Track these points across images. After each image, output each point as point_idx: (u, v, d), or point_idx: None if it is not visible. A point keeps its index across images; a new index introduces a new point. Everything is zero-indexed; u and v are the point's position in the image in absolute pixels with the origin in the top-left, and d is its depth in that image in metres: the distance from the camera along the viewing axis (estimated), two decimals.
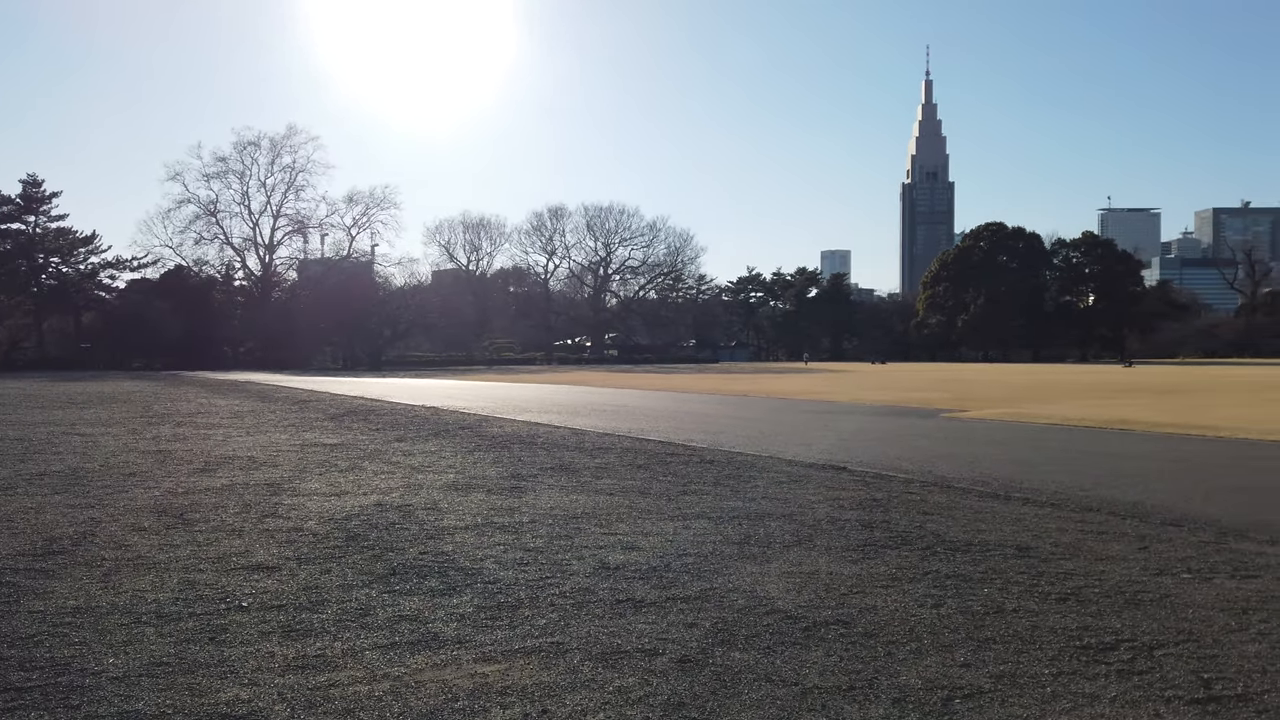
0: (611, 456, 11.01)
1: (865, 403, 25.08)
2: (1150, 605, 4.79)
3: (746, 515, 7.14)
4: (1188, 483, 9.97)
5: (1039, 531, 6.77)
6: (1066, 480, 10.07)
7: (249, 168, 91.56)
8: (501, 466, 9.94)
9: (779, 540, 6.24)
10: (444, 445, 12.14)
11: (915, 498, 8.27)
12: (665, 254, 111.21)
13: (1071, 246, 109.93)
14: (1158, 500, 8.77)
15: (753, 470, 9.98)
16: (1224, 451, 13.15)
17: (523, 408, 21.76)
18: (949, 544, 6.21)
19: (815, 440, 14.38)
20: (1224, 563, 5.87)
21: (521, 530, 6.47)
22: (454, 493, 8.08)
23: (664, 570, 5.36)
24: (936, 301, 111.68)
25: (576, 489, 8.44)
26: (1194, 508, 8.41)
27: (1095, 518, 7.60)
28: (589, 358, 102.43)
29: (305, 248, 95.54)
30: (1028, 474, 10.54)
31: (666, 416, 19.50)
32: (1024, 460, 11.92)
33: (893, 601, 4.77)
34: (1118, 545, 6.35)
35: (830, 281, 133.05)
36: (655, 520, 6.92)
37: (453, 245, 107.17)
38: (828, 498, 8.10)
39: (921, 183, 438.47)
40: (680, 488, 8.57)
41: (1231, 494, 9.22)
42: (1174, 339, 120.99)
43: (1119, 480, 10.12)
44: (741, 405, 24.05)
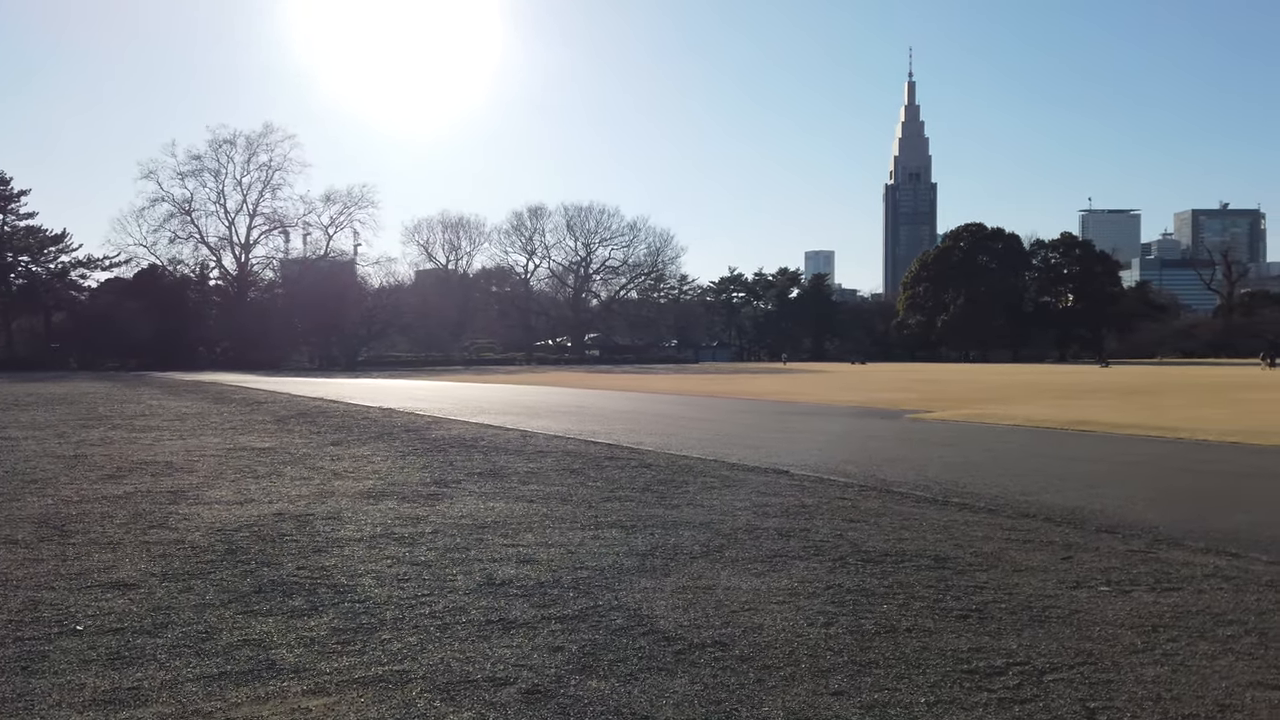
0: (549, 460, 10.68)
1: (832, 404, 24.86)
2: (1055, 623, 4.51)
3: (663, 524, 6.83)
4: (1134, 486, 9.75)
5: (963, 540, 6.50)
6: (1011, 484, 9.83)
7: (224, 166, 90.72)
8: (429, 472, 9.59)
9: (686, 551, 5.93)
10: (379, 449, 11.77)
11: (847, 503, 7.99)
12: (646, 254, 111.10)
13: (1050, 247, 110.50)
14: (1099, 505, 8.53)
15: (689, 474, 9.68)
16: (1178, 453, 12.97)
17: (482, 409, 21.38)
18: (864, 554, 5.92)
19: (766, 442, 14.10)
20: (1147, 574, 5.61)
21: (418, 542, 6.14)
22: (365, 501, 7.73)
23: (551, 586, 5.04)
24: (917, 302, 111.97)
25: (497, 495, 8.10)
26: (1134, 513, 8.18)
27: (1027, 524, 7.34)
28: (569, 358, 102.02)
29: (286, 247, 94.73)
30: (973, 477, 10.29)
31: (626, 418, 19.18)
32: (974, 463, 11.68)
33: (782, 620, 4.47)
34: (1041, 555, 6.08)
35: (811, 282, 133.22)
36: (565, 530, 6.60)
37: (431, 245, 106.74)
38: (755, 504, 7.80)
39: (904, 183, 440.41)
40: (606, 494, 8.26)
41: (1177, 498, 9.00)
42: (1153, 339, 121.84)
43: (1065, 484, 9.88)
44: (706, 407, 23.77)
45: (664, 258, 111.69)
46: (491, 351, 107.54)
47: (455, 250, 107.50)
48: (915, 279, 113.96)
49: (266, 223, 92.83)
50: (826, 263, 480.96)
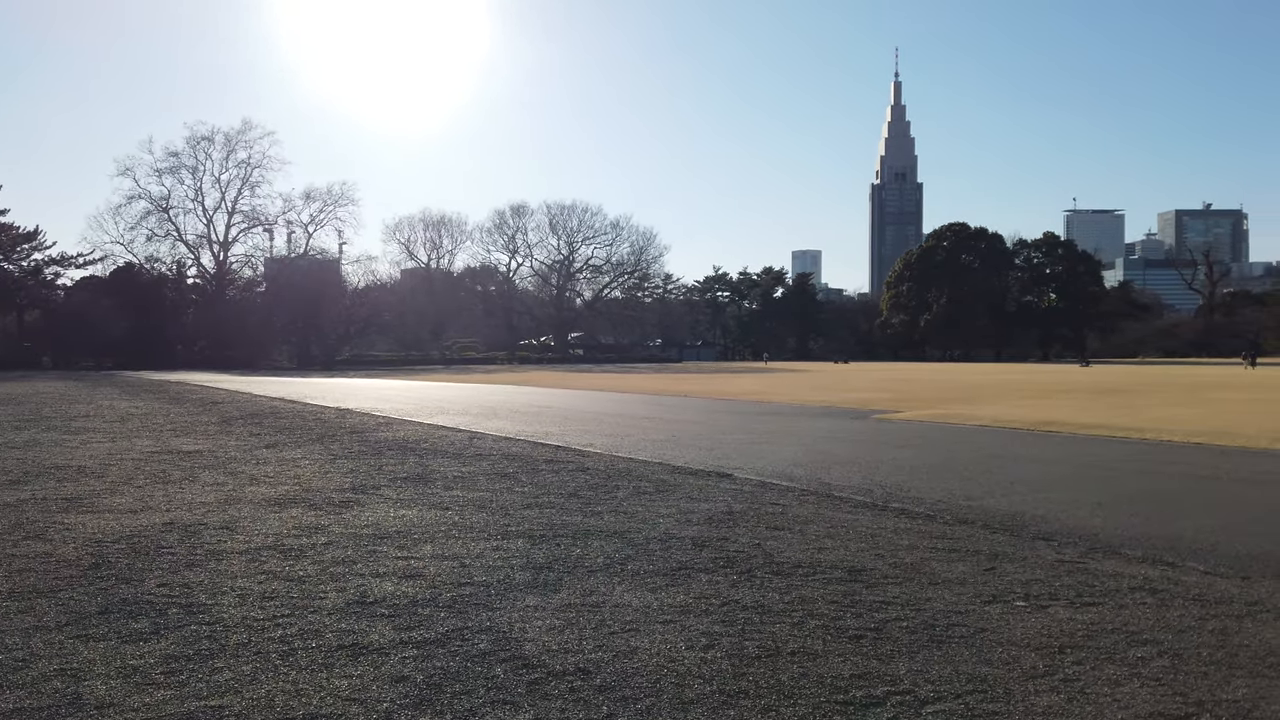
0: (484, 464, 10.31)
1: (803, 404, 24.59)
2: (956, 643, 4.19)
3: (575, 533, 6.47)
4: (1085, 490, 9.47)
5: (886, 549, 6.17)
6: (958, 488, 9.53)
7: (202, 163, 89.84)
8: (353, 476, 9.21)
9: (588, 564, 5.58)
10: (313, 453, 11.37)
11: (777, 510, 7.66)
12: (629, 252, 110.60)
13: (1033, 247, 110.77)
14: (1042, 510, 8.24)
15: (626, 479, 9.33)
16: (1139, 455, 12.72)
17: (443, 410, 20.98)
18: (775, 566, 5.59)
19: (722, 444, 13.77)
20: (1071, 586, 5.30)
21: (304, 555, 5.76)
22: (269, 509, 7.34)
23: (425, 604, 4.68)
24: (900, 301, 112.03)
25: (414, 502, 7.73)
26: (1077, 518, 7.89)
27: (961, 532, 7.03)
28: (552, 357, 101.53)
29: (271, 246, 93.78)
30: (921, 481, 9.99)
31: (587, 419, 18.83)
32: (927, 465, 11.39)
33: (661, 642, 4.12)
34: (964, 566, 5.77)
35: (796, 281, 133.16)
36: (469, 540, 6.23)
37: (413, 243, 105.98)
38: (681, 511, 7.46)
39: (890, 183, 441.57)
40: (529, 500, 7.90)
41: (1126, 502, 8.71)
42: (1135, 339, 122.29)
43: (1014, 487, 9.60)
44: (674, 407, 23.44)
45: (647, 257, 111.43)
46: (474, 351, 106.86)
47: (437, 249, 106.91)
48: (899, 278, 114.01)
49: (245, 220, 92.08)
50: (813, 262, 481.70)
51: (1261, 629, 4.55)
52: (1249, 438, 14.73)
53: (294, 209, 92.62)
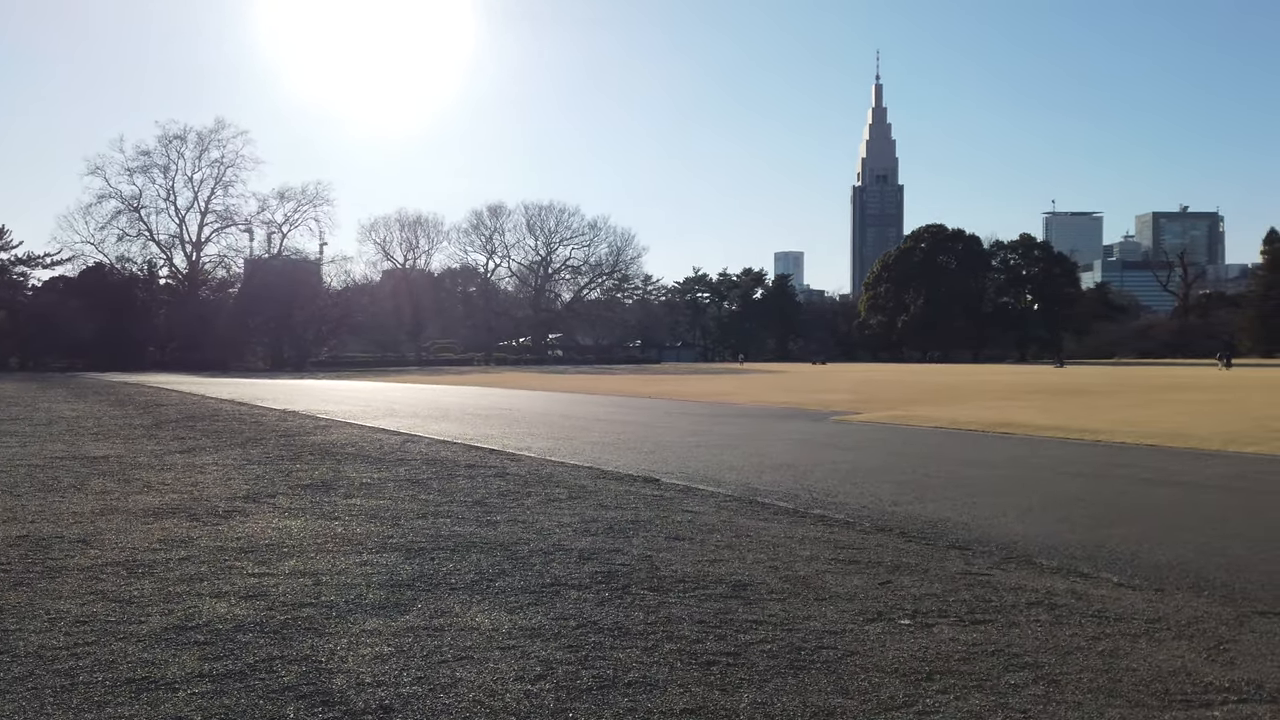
0: (402, 469, 9.90)
1: (765, 404, 24.29)
2: (816, 670, 3.83)
3: (458, 545, 6.08)
4: (1021, 494, 9.17)
5: (785, 561, 5.82)
6: (889, 493, 9.21)
7: (174, 162, 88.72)
8: (255, 483, 8.78)
9: (454, 581, 5.19)
10: (227, 457, 10.92)
11: (687, 517, 7.29)
12: (607, 253, 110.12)
13: (1009, 248, 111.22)
14: (968, 516, 7.92)
15: (544, 485, 8.94)
16: (1088, 457, 12.46)
17: (393, 412, 20.52)
18: (656, 581, 5.22)
19: (665, 447, 13.42)
20: (966, 601, 4.96)
21: (153, 571, 5.34)
22: (143, 519, 6.90)
23: (252, 629, 4.27)
24: (878, 303, 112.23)
25: (304, 512, 7.31)
26: (1001, 525, 7.57)
27: (872, 540, 6.69)
28: (530, 359, 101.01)
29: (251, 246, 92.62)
30: (854, 485, 9.67)
31: (538, 421, 18.43)
32: (867, 469, 11.07)
33: (489, 672, 3.73)
34: (859, 579, 5.42)
35: (775, 283, 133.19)
36: (340, 554, 5.83)
37: (388, 243, 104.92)
38: (584, 520, 7.09)
39: (872, 185, 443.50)
40: (428, 509, 7.50)
41: (1059, 507, 8.41)
42: (1111, 340, 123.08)
43: (947, 492, 9.29)
44: (634, 408, 23.08)
45: (625, 257, 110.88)
46: (452, 352, 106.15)
47: (413, 249, 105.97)
48: (877, 279, 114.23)
49: (218, 220, 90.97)
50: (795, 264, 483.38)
51: (1155, 651, 4.21)
52: (1202, 439, 14.53)
53: (268, 209, 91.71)
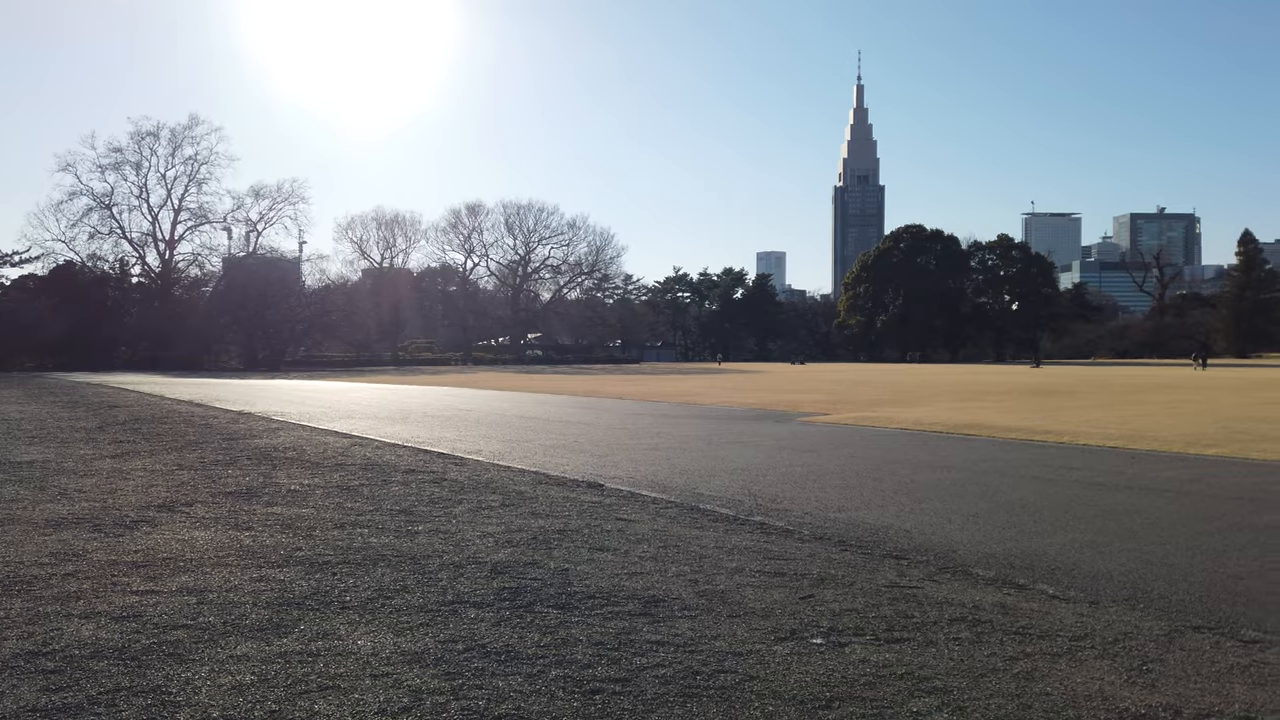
0: (336, 475, 9.57)
1: (733, 405, 24.08)
2: (708, 698, 3.56)
3: (367, 558, 5.78)
4: (969, 499, 8.96)
5: (708, 573, 5.56)
6: (835, 498, 8.99)
7: (147, 159, 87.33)
8: (178, 490, 8.43)
9: (349, 598, 4.89)
10: (160, 462, 10.55)
11: (620, 525, 7.03)
12: (586, 252, 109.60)
13: (987, 249, 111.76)
14: (911, 523, 7.70)
15: (480, 490, 8.65)
16: (1045, 459, 12.31)
17: (351, 414, 20.13)
18: (565, 597, 4.94)
19: (618, 450, 13.15)
20: (887, 617, 4.72)
21: (30, 587, 5.00)
22: (42, 530, 6.55)
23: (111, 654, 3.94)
24: (857, 303, 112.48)
25: (218, 522, 6.99)
26: (943, 532, 7.36)
27: (806, 549, 6.46)
28: (508, 359, 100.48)
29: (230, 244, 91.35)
30: (801, 491, 9.44)
31: (497, 423, 18.11)
32: (819, 473, 10.85)
33: (353, 704, 3.44)
34: (780, 592, 5.17)
35: (755, 283, 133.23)
36: (238, 568, 5.51)
37: (365, 242, 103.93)
38: (510, 529, 6.80)
39: (853, 186, 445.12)
40: (351, 518, 7.19)
41: (1006, 512, 8.21)
42: (1088, 340, 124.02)
43: (896, 497, 9.08)
44: (600, 410, 22.80)
45: (605, 257, 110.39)
46: (430, 352, 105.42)
47: (390, 248, 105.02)
48: (856, 280, 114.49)
49: (192, 218, 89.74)
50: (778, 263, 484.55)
51: (1074, 672, 3.99)
52: (1163, 441, 14.43)
53: (243, 207, 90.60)
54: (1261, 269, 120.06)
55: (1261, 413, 20.04)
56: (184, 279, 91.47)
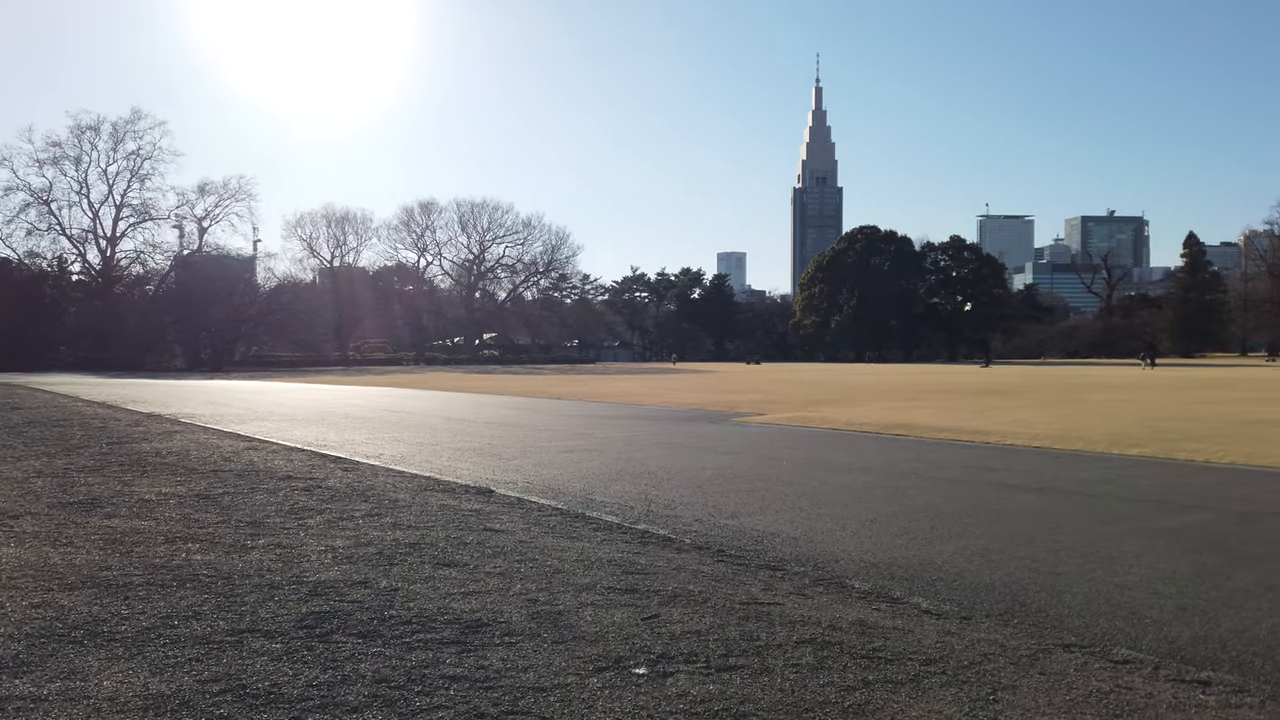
0: (205, 483, 8.92)
1: (673, 406, 23.66)
2: None
3: (175, 579, 5.19)
4: (874, 503, 8.59)
5: (552, 592, 5.07)
6: (735, 503, 8.56)
7: (87, 154, 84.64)
8: (15, 501, 7.72)
9: (124, 628, 4.30)
10: (21, 469, 9.79)
11: (481, 539, 6.51)
12: (541, 251, 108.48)
13: (940, 250, 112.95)
14: (803, 530, 7.29)
15: (354, 499, 8.08)
16: (967, 460, 12.03)
17: (266, 415, 19.35)
18: (379, 623, 4.41)
19: (531, 452, 12.63)
20: (730, 640, 4.26)
21: None
22: None
23: None
24: (813, 303, 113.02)
25: (37, 537, 6.33)
26: (836, 539, 6.95)
27: (675, 561, 6.00)
28: (461, 359, 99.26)
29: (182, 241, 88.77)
30: (705, 496, 9.00)
31: (417, 425, 17.48)
32: (731, 475, 10.42)
33: None
34: (623, 613, 4.69)
35: (713, 283, 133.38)
36: (25, 592, 4.89)
37: (315, 240, 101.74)
38: (357, 543, 6.25)
39: (812, 187, 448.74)
40: (189, 532, 6.57)
41: (906, 517, 7.83)
42: (1039, 340, 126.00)
43: (800, 501, 8.68)
44: (534, 410, 22.25)
45: (560, 256, 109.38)
46: (383, 351, 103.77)
47: (340, 246, 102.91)
48: (811, 280, 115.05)
49: (135, 215, 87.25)
50: (738, 264, 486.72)
51: (912, 703, 3.56)
52: (1089, 441, 14.28)
53: (188, 203, 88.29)
54: (1205, 271, 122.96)
55: (1193, 412, 20.10)
56: (126, 277, 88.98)
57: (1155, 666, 4.19)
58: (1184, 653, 4.46)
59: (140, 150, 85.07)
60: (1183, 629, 4.81)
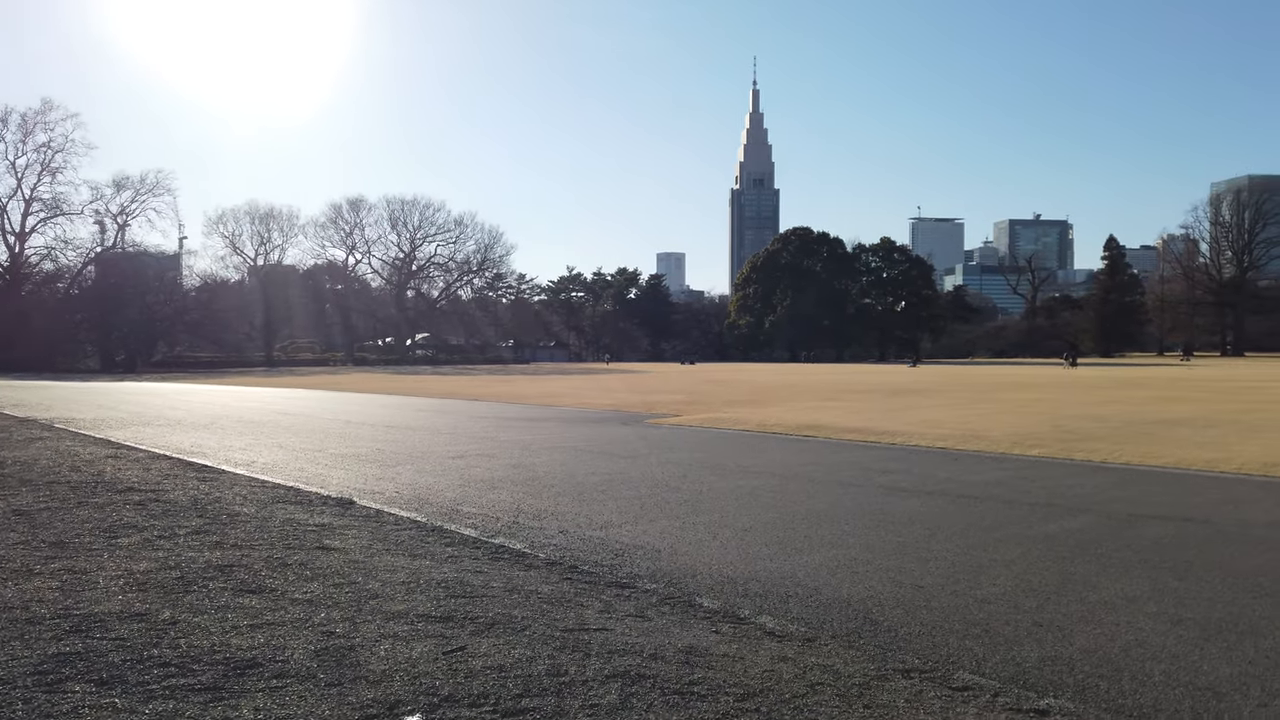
0: (32, 495, 8.11)
1: (590, 407, 23.18)
2: None
3: None
4: (755, 511, 8.23)
5: (356, 622, 4.54)
6: (610, 512, 8.12)
7: None
8: None
9: None
10: None
11: (307, 558, 5.93)
12: (474, 250, 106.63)
13: (871, 251, 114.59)
14: (673, 542, 6.88)
15: (190, 514, 7.41)
16: (867, 461, 11.81)
17: (153, 420, 18.29)
18: (131, 666, 3.84)
19: (417, 458, 12.03)
20: (527, 679, 3.80)
21: None
22: None
23: None
24: (747, 304, 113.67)
25: None
26: (698, 553, 6.55)
27: (512, 580, 5.52)
28: (392, 359, 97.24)
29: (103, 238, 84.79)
30: (581, 504, 8.54)
31: (307, 430, 16.68)
32: (621, 480, 9.99)
33: None
34: (424, 646, 4.19)
35: (648, 283, 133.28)
36: None
37: (238, 237, 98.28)
38: (163, 565, 5.63)
39: (749, 189, 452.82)
40: None
41: (783, 526, 7.48)
42: (968, 340, 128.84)
43: (678, 509, 8.28)
44: (442, 412, 21.55)
45: (494, 255, 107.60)
46: (311, 352, 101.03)
47: (265, 243, 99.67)
48: (746, 281, 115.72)
49: (45, 209, 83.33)
50: (678, 265, 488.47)
51: None
52: (992, 441, 14.24)
53: (103, 198, 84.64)
54: (1125, 273, 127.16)
55: (1101, 411, 20.35)
56: (36, 275, 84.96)
57: (995, 694, 3.86)
58: (1029, 676, 4.15)
59: (51, 142, 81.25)
60: (1034, 648, 4.51)
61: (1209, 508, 8.46)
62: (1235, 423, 17.44)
